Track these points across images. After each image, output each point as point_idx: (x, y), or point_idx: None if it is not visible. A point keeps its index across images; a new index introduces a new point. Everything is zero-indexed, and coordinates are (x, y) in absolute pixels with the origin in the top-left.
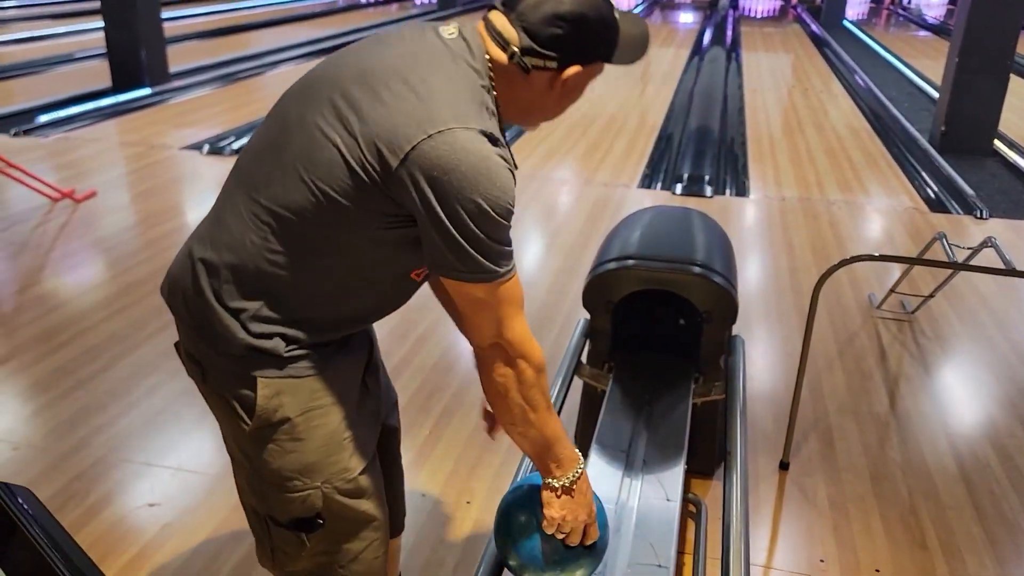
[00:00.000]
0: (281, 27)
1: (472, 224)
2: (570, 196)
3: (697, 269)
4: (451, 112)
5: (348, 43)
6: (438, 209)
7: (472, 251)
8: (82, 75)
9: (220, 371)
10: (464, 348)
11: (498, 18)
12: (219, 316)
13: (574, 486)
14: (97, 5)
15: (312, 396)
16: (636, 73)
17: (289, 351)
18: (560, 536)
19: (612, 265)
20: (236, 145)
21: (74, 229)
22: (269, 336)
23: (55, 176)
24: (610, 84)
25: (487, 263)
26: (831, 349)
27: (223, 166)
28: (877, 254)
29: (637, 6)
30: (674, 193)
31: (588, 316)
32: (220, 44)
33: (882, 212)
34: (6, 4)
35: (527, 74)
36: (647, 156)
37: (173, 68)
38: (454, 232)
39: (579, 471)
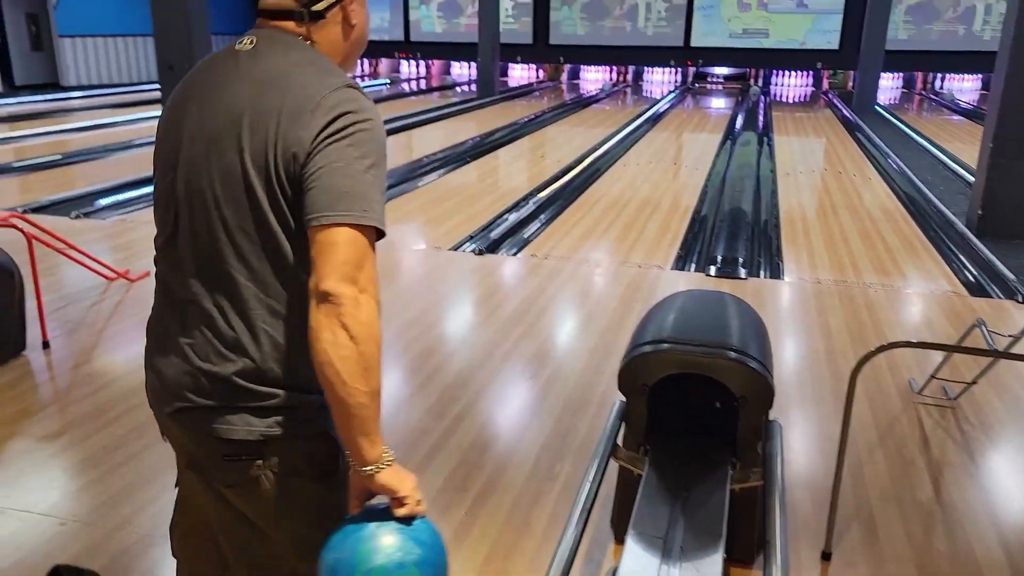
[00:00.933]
0: None
1: (373, 164)
2: (604, 278)
3: (732, 354)
4: (321, 84)
5: (393, 130)
6: (346, 149)
7: (368, 190)
8: (140, 161)
9: (292, 445)
10: (502, 426)
11: (265, 1)
12: (290, 400)
13: (392, 457)
14: (156, 95)
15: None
16: (669, 156)
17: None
18: (401, 511)
19: (647, 348)
20: None
21: (128, 308)
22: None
23: (112, 257)
24: (643, 167)
25: (376, 205)
26: (871, 435)
27: None
28: (915, 340)
29: (670, 93)
30: (708, 275)
31: (623, 399)
32: None
33: (920, 296)
34: (71, 95)
35: (324, 19)
36: (681, 238)
37: None
38: (358, 171)
39: (389, 450)
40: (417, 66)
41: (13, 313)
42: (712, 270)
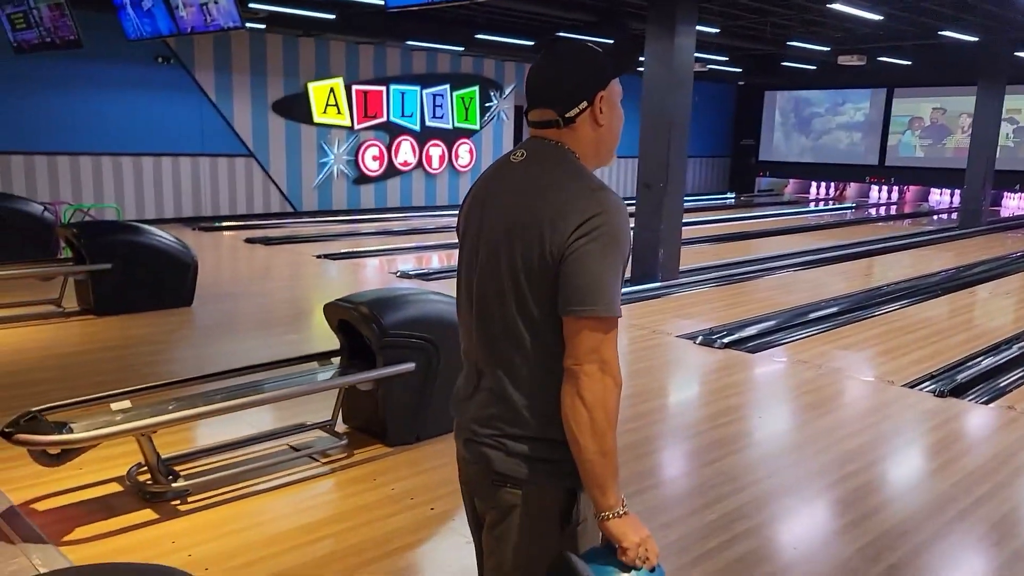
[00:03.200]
0: (784, 236)
1: (612, 256)
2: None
3: None
4: (575, 193)
5: (851, 255)
6: (590, 247)
7: (607, 283)
8: None
9: (543, 490)
10: None
11: (535, 115)
12: (550, 454)
13: (626, 511)
14: (631, 209)
15: None
16: None
17: None
18: (641, 564)
19: None
20: (727, 340)
21: None
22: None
23: None
24: None
25: (613, 295)
26: None
27: (713, 357)
28: None
29: None
30: None
31: None
32: (725, 248)
33: None
34: None
35: (575, 124)
36: None
37: (682, 266)
38: (599, 267)
39: (622, 497)
40: (889, 192)
41: None
42: None
